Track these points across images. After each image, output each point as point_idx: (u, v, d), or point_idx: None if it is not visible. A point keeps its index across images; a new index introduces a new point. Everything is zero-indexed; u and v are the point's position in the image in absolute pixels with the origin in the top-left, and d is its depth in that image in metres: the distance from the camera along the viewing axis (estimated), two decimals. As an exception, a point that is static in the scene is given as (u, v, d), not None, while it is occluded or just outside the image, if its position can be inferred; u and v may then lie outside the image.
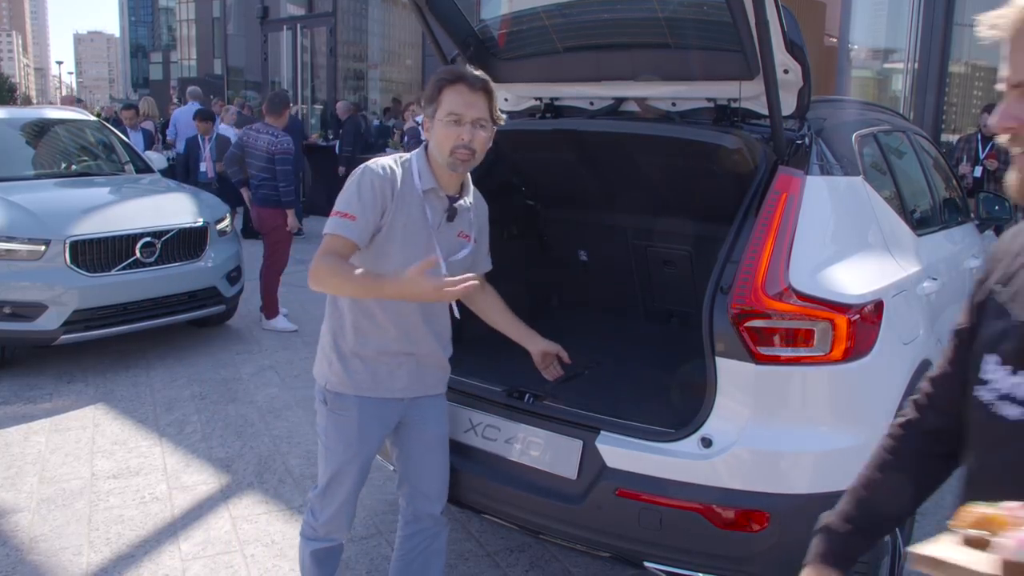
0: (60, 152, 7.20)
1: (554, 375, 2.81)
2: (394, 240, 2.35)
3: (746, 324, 2.32)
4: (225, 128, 10.85)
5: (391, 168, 2.36)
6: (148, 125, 11.33)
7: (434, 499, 2.65)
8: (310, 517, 2.62)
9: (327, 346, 2.49)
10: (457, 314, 2.61)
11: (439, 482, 2.65)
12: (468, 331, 2.78)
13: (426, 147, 2.44)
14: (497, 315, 2.76)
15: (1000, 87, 1.17)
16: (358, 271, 2.23)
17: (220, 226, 6.33)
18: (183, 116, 11.76)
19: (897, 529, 2.89)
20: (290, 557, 3.29)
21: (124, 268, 5.62)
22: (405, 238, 2.36)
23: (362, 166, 2.36)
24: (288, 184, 6.47)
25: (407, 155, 2.45)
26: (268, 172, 6.44)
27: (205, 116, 10.18)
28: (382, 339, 2.43)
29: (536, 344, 2.78)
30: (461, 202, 2.48)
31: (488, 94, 2.35)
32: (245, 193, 7.49)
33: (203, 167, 10.07)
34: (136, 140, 9.78)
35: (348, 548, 3.42)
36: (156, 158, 7.96)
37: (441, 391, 2.65)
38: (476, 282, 2.29)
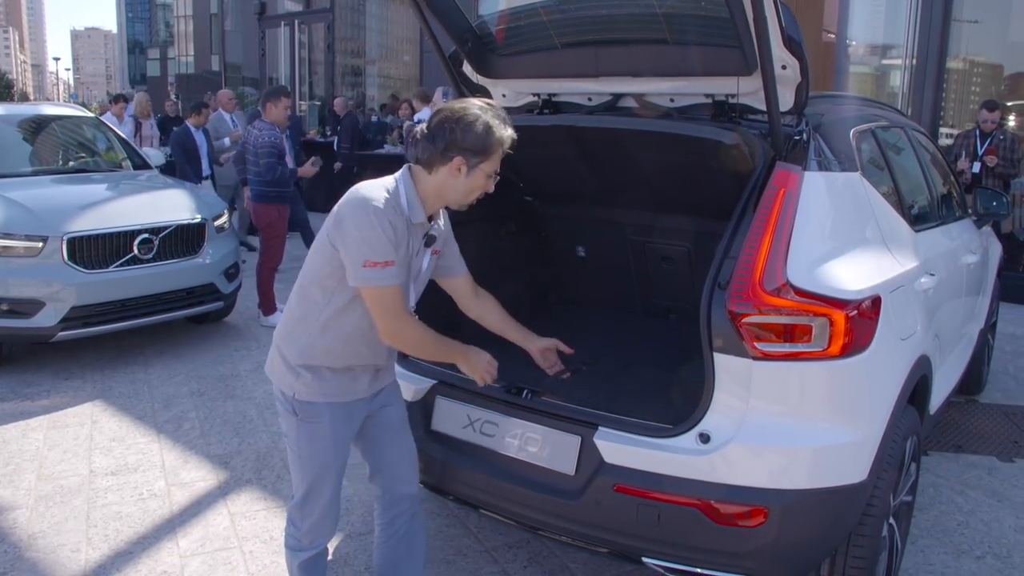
0: (57, 148, 7.19)
1: (556, 370, 2.81)
2: None
3: (744, 320, 2.32)
4: (222, 115, 10.78)
5: (392, 207, 2.31)
6: (138, 122, 11.21)
7: (410, 479, 2.72)
8: (291, 528, 2.60)
9: (292, 358, 2.44)
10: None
11: (411, 461, 2.72)
12: (466, 329, 2.77)
13: (410, 175, 2.38)
14: (494, 319, 2.76)
15: None
16: (438, 341, 2.46)
17: (218, 222, 6.32)
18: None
19: (895, 525, 2.90)
20: (288, 553, 3.30)
21: (122, 265, 5.61)
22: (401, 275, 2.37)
23: (367, 202, 2.27)
24: (271, 176, 6.37)
25: (391, 184, 2.37)
26: (258, 167, 6.43)
27: (199, 108, 9.92)
28: (354, 357, 2.45)
29: (533, 343, 2.78)
30: (434, 226, 2.50)
31: None
32: (246, 191, 7.47)
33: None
34: (126, 133, 9.75)
35: (346, 544, 3.43)
36: (154, 155, 7.95)
37: (394, 378, 2.71)
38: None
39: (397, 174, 2.40)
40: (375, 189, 2.33)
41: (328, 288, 2.37)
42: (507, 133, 2.36)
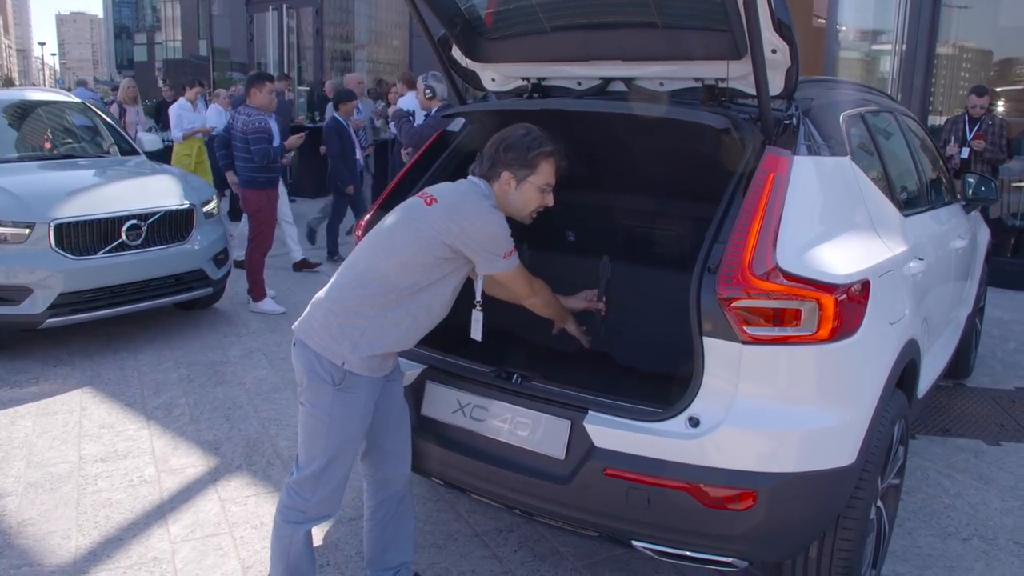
0: (44, 134, 7.13)
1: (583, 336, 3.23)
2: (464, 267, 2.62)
3: (733, 304, 2.33)
4: (217, 109, 10.73)
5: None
6: (123, 107, 11.09)
7: (403, 458, 2.79)
8: (298, 500, 2.59)
9: (352, 329, 2.49)
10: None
11: (406, 439, 2.79)
12: (457, 314, 2.77)
13: (493, 191, 2.63)
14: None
15: None
16: (556, 300, 3.02)
17: (206, 208, 6.29)
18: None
19: (883, 507, 2.92)
20: (279, 539, 3.30)
21: (110, 251, 5.58)
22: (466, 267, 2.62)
23: (486, 214, 2.51)
24: (264, 162, 6.39)
25: (485, 193, 2.60)
26: (247, 153, 6.41)
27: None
28: (403, 339, 2.57)
29: (574, 302, 3.26)
30: None
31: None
32: (230, 176, 7.45)
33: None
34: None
35: (337, 529, 3.43)
36: (150, 139, 7.87)
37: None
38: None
39: (482, 184, 2.64)
40: (482, 193, 2.59)
41: (420, 274, 2.49)
42: (550, 147, 2.63)
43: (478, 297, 2.70)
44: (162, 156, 9.72)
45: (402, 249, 2.48)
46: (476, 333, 2.73)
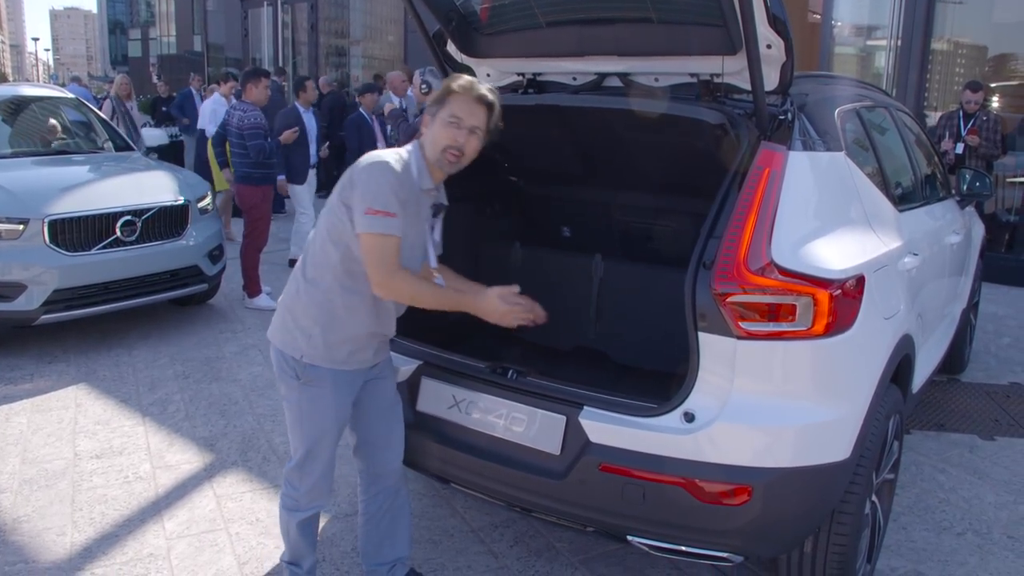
0: (38, 130, 7.10)
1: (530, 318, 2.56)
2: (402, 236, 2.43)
3: (728, 299, 2.33)
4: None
5: (403, 168, 2.42)
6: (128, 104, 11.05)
7: (395, 453, 2.78)
8: (290, 490, 2.67)
9: (305, 320, 2.49)
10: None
11: (399, 435, 2.78)
12: (451, 312, 2.77)
13: (420, 145, 2.51)
14: (450, 281, 2.77)
15: None
16: (436, 289, 2.53)
17: (201, 204, 6.27)
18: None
19: (877, 502, 2.93)
20: (275, 535, 3.29)
21: (104, 247, 5.57)
22: (407, 235, 2.43)
23: (378, 160, 2.40)
24: (260, 157, 6.40)
25: (404, 152, 2.49)
26: (243, 148, 6.40)
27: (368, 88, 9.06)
28: (362, 325, 2.52)
29: (486, 293, 2.56)
30: (441, 196, 2.62)
31: (490, 109, 2.50)
32: (226, 173, 7.43)
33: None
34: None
35: (333, 525, 3.43)
36: (157, 135, 7.83)
37: (390, 352, 2.80)
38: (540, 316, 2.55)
39: (409, 145, 2.52)
40: (388, 152, 2.47)
41: (341, 244, 2.43)
42: (466, 81, 2.46)
43: (431, 262, 2.60)
44: (169, 152, 9.61)
45: (328, 232, 2.47)
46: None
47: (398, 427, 2.79)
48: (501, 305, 2.45)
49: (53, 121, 7.08)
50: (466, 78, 2.52)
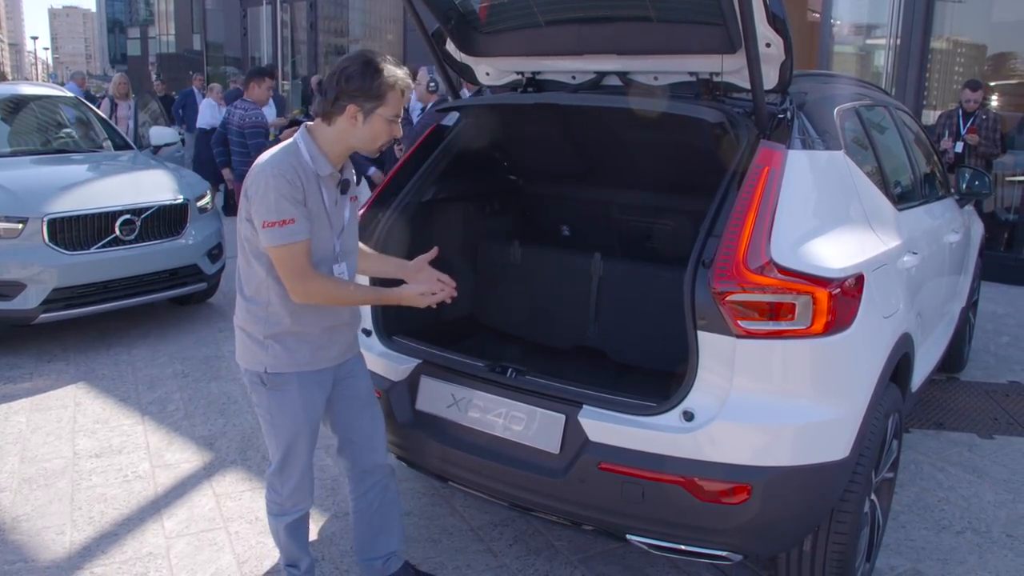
0: (37, 129, 7.10)
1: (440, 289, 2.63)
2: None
3: (728, 298, 2.33)
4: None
5: (288, 165, 2.36)
6: (114, 102, 11.02)
7: (380, 449, 2.78)
8: (273, 495, 2.67)
9: (256, 332, 2.48)
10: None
11: (379, 431, 2.78)
12: (451, 309, 2.77)
13: (308, 131, 2.44)
14: (374, 264, 2.79)
15: None
16: (355, 289, 2.54)
17: (200, 203, 6.27)
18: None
19: (877, 500, 2.93)
20: (274, 534, 3.30)
21: (104, 246, 5.56)
22: (316, 229, 2.41)
23: (262, 169, 2.34)
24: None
25: (288, 144, 2.44)
26: (244, 147, 6.40)
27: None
28: (312, 323, 2.50)
29: (409, 266, 2.71)
30: (347, 173, 2.58)
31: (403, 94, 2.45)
32: (226, 173, 7.43)
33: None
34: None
35: (332, 524, 3.43)
36: (168, 133, 7.80)
37: (359, 349, 2.77)
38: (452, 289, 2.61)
39: (296, 134, 2.47)
40: (270, 153, 2.42)
41: (262, 257, 2.41)
42: (398, 74, 2.40)
43: (336, 249, 2.54)
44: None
45: (248, 248, 2.44)
46: None
47: (378, 423, 2.78)
48: (419, 297, 2.56)
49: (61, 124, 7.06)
50: (397, 71, 2.41)
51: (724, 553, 2.51)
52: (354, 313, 2.67)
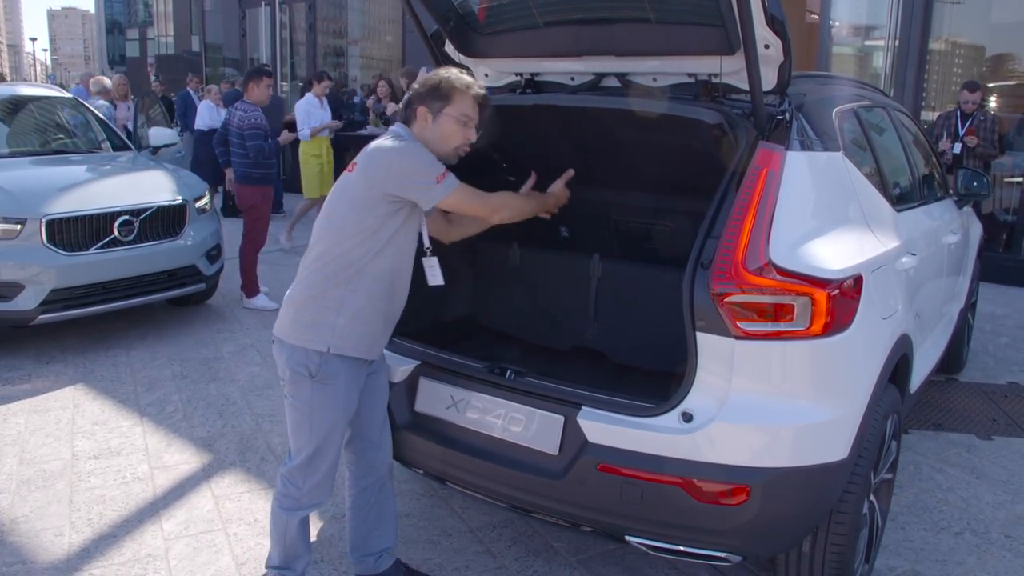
0: (35, 130, 7.10)
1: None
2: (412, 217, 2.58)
3: (726, 299, 2.33)
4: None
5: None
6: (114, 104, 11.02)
7: (385, 447, 2.83)
8: (291, 489, 2.65)
9: (328, 310, 2.50)
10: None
11: (387, 429, 2.82)
12: (450, 311, 2.77)
13: (414, 137, 2.57)
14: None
15: None
16: (519, 197, 2.87)
17: (199, 204, 6.27)
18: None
19: (875, 501, 2.93)
20: (273, 535, 3.30)
21: (102, 247, 5.56)
22: (409, 224, 2.57)
23: (403, 149, 2.48)
24: (259, 158, 6.40)
25: (400, 132, 2.58)
26: (243, 148, 6.40)
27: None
28: (389, 302, 2.59)
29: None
30: None
31: (485, 109, 2.65)
32: (229, 172, 7.43)
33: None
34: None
35: (331, 525, 3.43)
36: (167, 134, 7.79)
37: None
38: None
39: (400, 131, 2.60)
40: (392, 133, 2.59)
41: (371, 240, 2.49)
42: (466, 79, 2.56)
43: (426, 244, 2.68)
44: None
45: (345, 224, 2.50)
46: (434, 279, 2.72)
47: (386, 422, 2.83)
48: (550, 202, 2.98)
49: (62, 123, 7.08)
50: (464, 76, 2.59)
51: (723, 554, 2.51)
52: (400, 310, 2.70)
